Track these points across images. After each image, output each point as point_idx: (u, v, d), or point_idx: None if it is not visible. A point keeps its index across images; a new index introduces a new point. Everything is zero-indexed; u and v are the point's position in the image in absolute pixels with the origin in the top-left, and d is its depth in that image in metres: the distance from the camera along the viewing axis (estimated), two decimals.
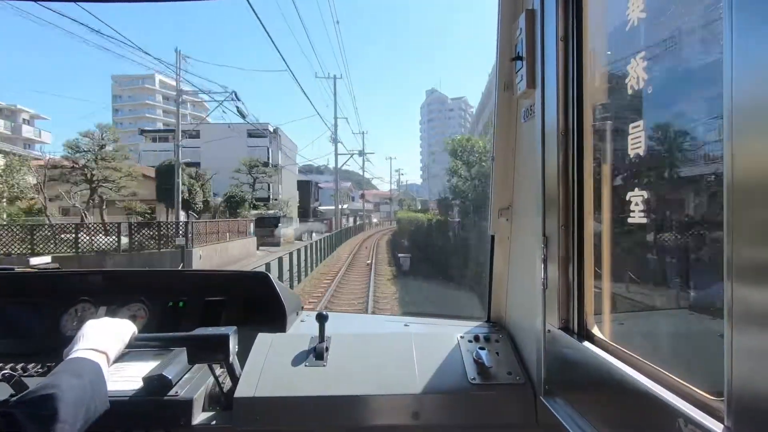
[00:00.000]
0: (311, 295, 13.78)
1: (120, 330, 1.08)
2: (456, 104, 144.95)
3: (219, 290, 1.62)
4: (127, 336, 1.09)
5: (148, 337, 1.16)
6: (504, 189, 1.45)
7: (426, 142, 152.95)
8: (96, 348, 0.97)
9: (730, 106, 0.56)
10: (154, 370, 1.16)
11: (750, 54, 0.54)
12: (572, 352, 1.03)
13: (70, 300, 1.61)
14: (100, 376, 0.93)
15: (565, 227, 1.07)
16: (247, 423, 1.17)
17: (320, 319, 1.37)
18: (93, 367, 0.93)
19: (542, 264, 1.13)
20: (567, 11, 1.05)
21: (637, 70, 0.93)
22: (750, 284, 0.54)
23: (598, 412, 0.94)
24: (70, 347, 0.98)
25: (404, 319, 1.70)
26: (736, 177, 0.56)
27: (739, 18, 0.55)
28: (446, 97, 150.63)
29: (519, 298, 1.42)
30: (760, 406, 0.53)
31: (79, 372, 0.89)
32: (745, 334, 0.55)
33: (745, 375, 0.55)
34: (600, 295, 1.11)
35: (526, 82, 1.19)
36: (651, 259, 1.28)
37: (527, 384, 1.25)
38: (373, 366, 1.31)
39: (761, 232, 0.53)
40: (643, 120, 0.93)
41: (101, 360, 0.95)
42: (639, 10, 0.91)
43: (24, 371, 1.30)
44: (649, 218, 1.19)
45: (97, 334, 1.02)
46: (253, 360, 1.31)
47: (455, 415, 1.23)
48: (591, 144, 1.04)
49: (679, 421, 0.67)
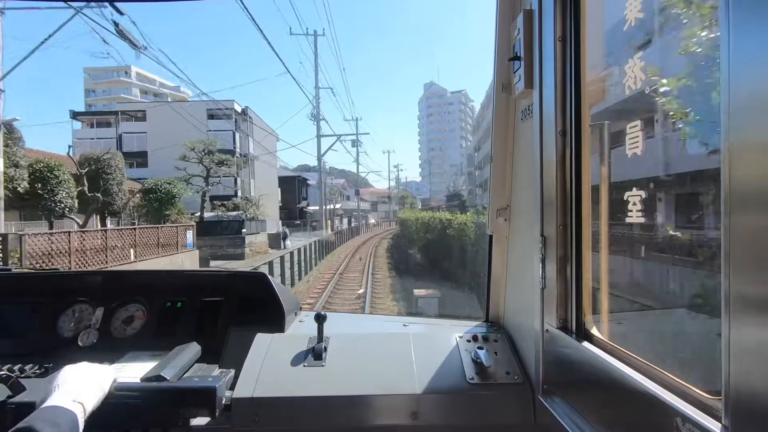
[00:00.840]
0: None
1: (100, 379, 1.02)
2: (456, 98, 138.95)
3: (217, 290, 1.61)
4: (107, 385, 1.03)
5: (129, 386, 1.10)
6: (502, 189, 1.45)
7: (425, 137, 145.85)
8: (74, 398, 0.91)
9: (727, 105, 0.56)
10: (152, 371, 1.16)
11: (747, 54, 0.54)
12: (570, 351, 1.03)
13: (68, 300, 1.60)
14: (76, 428, 0.88)
15: (563, 227, 1.07)
16: (246, 423, 1.17)
17: (319, 319, 1.37)
18: (70, 416, 0.88)
19: (540, 264, 1.13)
20: (565, 11, 1.05)
21: (634, 70, 0.93)
22: (747, 283, 0.55)
23: (596, 412, 0.94)
24: (45, 394, 0.93)
25: (403, 319, 1.70)
26: (734, 175, 0.56)
27: (735, 17, 0.56)
28: (445, 90, 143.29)
29: (517, 298, 1.42)
30: (757, 404, 0.54)
31: (56, 421, 0.84)
32: (743, 334, 0.55)
33: (743, 374, 0.55)
34: (598, 294, 1.12)
35: (524, 83, 1.19)
36: (648, 259, 1.28)
37: (525, 383, 1.25)
38: (371, 366, 1.31)
39: (759, 232, 0.53)
40: (641, 120, 0.93)
41: (78, 411, 0.90)
42: (636, 10, 0.91)
43: (21, 372, 1.30)
44: (646, 218, 1.20)
45: (76, 383, 0.96)
46: (251, 360, 1.31)
47: (454, 415, 1.23)
48: (589, 144, 1.04)
49: (676, 419, 0.67)
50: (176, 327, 1.52)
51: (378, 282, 15.45)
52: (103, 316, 1.56)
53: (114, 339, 1.52)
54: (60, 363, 1.36)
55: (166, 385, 1.11)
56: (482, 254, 7.78)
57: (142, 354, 1.41)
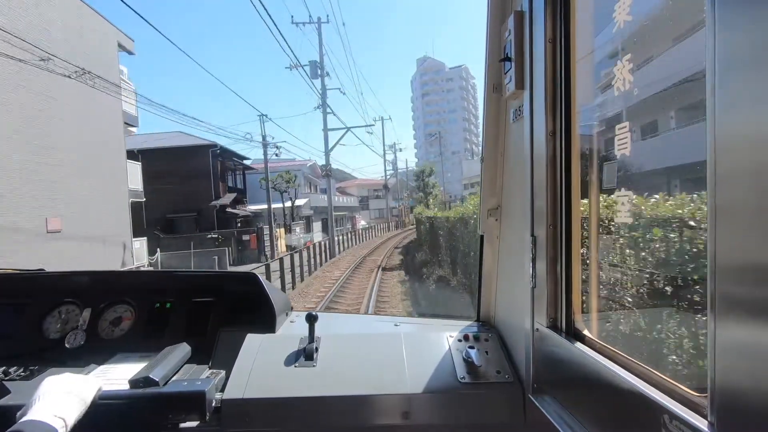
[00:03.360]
0: None
1: (82, 390, 0.98)
2: (455, 73, 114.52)
3: (207, 291, 1.60)
4: (90, 396, 1.00)
5: (115, 395, 1.08)
6: (493, 189, 1.46)
7: (420, 122, 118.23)
8: (55, 413, 0.88)
9: (713, 105, 0.57)
10: (140, 372, 1.14)
11: (732, 56, 0.55)
12: (560, 350, 1.04)
13: (55, 301, 1.58)
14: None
15: (553, 227, 1.08)
16: (236, 425, 1.16)
17: (310, 319, 1.37)
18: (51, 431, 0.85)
19: (531, 263, 1.14)
20: (555, 13, 1.06)
21: (623, 71, 0.94)
22: (733, 281, 0.55)
23: (585, 409, 0.95)
24: (26, 407, 0.90)
25: (394, 319, 1.70)
26: (720, 175, 0.57)
27: (721, 18, 0.56)
28: (443, 64, 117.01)
29: (508, 298, 1.43)
30: (742, 401, 0.55)
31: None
32: (728, 331, 0.56)
33: (728, 371, 0.56)
34: (588, 293, 1.13)
35: (515, 84, 1.20)
36: (637, 258, 1.30)
37: (516, 382, 1.26)
38: (363, 366, 1.31)
39: (745, 230, 0.54)
40: (629, 121, 0.94)
41: (59, 425, 0.87)
42: (625, 13, 0.92)
43: (6, 375, 1.27)
44: (634, 218, 1.21)
45: (57, 396, 0.93)
46: (241, 361, 1.30)
47: (445, 415, 1.23)
48: (578, 145, 1.05)
49: (664, 417, 0.68)
50: (165, 328, 1.51)
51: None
52: (90, 317, 1.54)
53: (102, 340, 1.50)
54: (46, 365, 1.34)
55: (153, 391, 1.09)
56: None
57: (130, 356, 1.39)
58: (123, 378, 1.16)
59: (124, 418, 1.07)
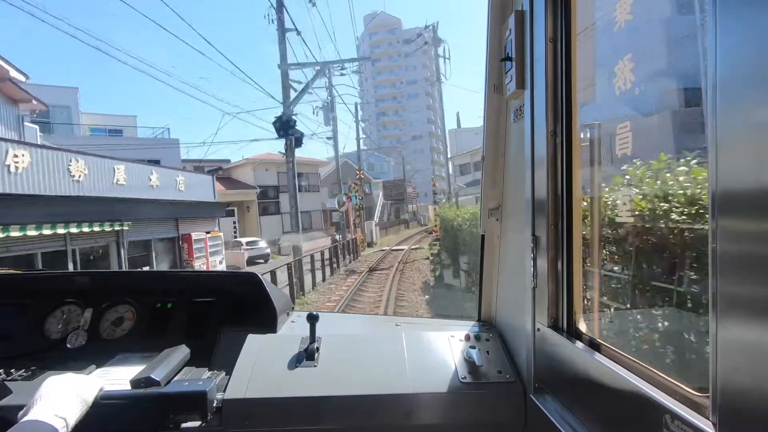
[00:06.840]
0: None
1: (83, 391, 0.99)
2: (416, 33, 44.50)
3: (208, 291, 1.60)
4: (92, 396, 1.00)
5: (117, 395, 1.08)
6: (494, 189, 1.46)
7: (370, 94, 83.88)
8: (56, 413, 0.88)
9: (714, 104, 0.57)
10: (141, 373, 1.14)
11: (733, 55, 0.55)
12: (561, 350, 1.04)
13: (56, 302, 1.58)
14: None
15: (554, 226, 1.08)
16: (238, 425, 1.16)
17: (311, 319, 1.37)
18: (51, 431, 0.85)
19: (532, 263, 1.14)
20: (556, 13, 1.06)
21: (624, 71, 0.94)
22: (735, 280, 0.55)
23: (586, 409, 0.95)
24: (27, 407, 0.90)
25: (395, 319, 1.70)
26: (721, 174, 0.57)
27: (723, 19, 0.56)
28: (398, 21, 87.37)
29: (509, 297, 1.43)
30: (744, 401, 0.54)
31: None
32: (730, 331, 0.56)
33: (730, 371, 0.56)
34: (589, 293, 1.13)
35: (516, 83, 1.20)
36: (638, 258, 1.30)
37: (517, 382, 1.26)
38: (364, 366, 1.31)
39: (746, 229, 0.54)
40: (630, 120, 0.94)
41: (59, 425, 0.87)
42: (626, 12, 0.92)
43: (7, 375, 1.28)
44: (636, 217, 1.21)
45: (58, 396, 0.93)
46: (243, 361, 1.30)
47: (447, 414, 1.23)
48: (579, 144, 1.05)
49: (665, 416, 0.68)
50: (166, 328, 1.51)
51: None
52: (91, 318, 1.54)
53: (103, 341, 1.50)
54: (47, 365, 1.34)
55: (155, 391, 1.09)
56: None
57: (132, 356, 1.39)
58: (124, 378, 1.16)
59: (125, 418, 1.07)
